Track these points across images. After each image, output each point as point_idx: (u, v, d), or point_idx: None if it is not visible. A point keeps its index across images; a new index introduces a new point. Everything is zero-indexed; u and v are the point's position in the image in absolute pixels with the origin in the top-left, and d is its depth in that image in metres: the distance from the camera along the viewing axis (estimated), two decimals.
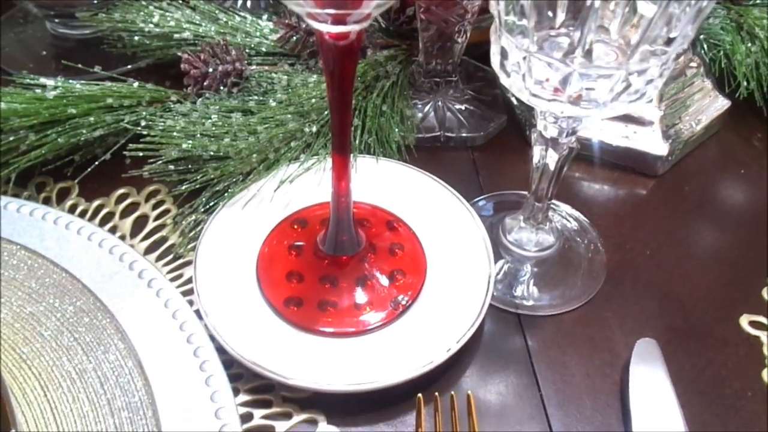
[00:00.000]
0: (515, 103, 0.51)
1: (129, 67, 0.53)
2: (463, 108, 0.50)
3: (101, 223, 0.43)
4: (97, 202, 0.44)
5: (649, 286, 0.41)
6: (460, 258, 0.39)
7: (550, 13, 0.30)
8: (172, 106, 0.46)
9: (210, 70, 0.47)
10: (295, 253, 0.40)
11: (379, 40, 0.51)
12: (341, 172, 0.35)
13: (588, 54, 0.29)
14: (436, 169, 0.44)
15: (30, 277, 0.37)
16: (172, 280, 0.39)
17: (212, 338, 0.35)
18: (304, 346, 0.35)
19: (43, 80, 0.45)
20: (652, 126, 0.47)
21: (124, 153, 0.43)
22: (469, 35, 0.47)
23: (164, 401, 0.32)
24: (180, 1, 0.52)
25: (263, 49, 0.51)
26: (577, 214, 0.45)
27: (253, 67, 0.49)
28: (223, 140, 0.43)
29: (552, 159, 0.36)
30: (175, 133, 0.43)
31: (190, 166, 0.43)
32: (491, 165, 0.48)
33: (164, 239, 0.42)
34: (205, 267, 0.38)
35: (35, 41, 0.57)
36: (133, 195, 0.45)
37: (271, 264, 0.39)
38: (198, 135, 0.43)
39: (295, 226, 0.41)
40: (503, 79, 0.33)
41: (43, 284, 0.37)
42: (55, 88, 0.45)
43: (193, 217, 0.42)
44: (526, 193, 0.40)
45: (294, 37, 0.50)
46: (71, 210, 0.43)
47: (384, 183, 0.43)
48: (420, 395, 0.34)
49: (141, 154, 0.43)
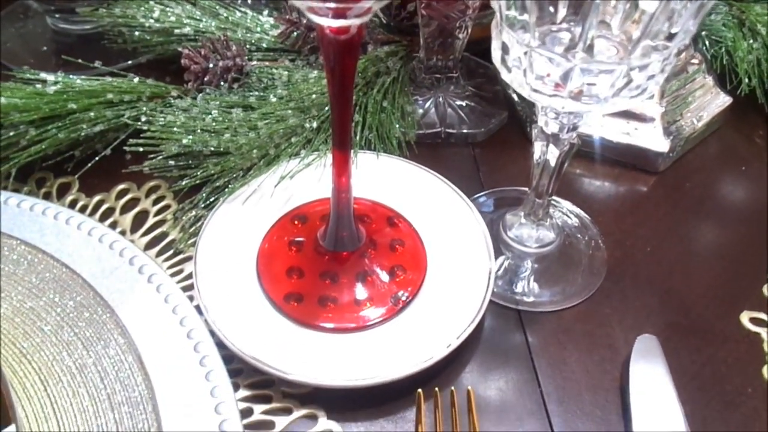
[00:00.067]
0: (516, 99, 0.51)
1: (129, 62, 0.53)
2: (464, 104, 0.50)
3: (101, 219, 0.43)
4: (97, 198, 0.44)
5: (649, 282, 0.41)
6: (460, 254, 0.39)
7: (551, 9, 0.30)
8: (172, 101, 0.46)
9: (210, 65, 0.47)
10: (295, 248, 0.40)
11: (379, 36, 0.51)
12: (342, 168, 0.35)
13: (589, 49, 0.29)
14: (436, 166, 0.44)
15: (30, 272, 0.37)
16: (173, 275, 0.39)
17: (212, 333, 0.35)
18: (304, 342, 0.35)
19: (43, 75, 0.45)
20: (653, 122, 0.47)
21: (125, 148, 0.43)
22: (470, 31, 0.47)
23: (164, 396, 0.32)
24: None
25: (264, 45, 0.51)
26: (577, 210, 0.45)
27: (254, 62, 0.49)
28: (223, 136, 0.43)
29: (553, 155, 0.36)
30: (175, 129, 0.43)
31: (190, 161, 0.43)
32: (492, 161, 0.48)
33: (164, 235, 0.42)
34: (206, 262, 0.38)
35: (36, 36, 0.57)
36: (134, 190, 0.45)
37: (271, 259, 0.39)
38: (198, 130, 0.43)
39: (296, 222, 0.41)
40: (504, 75, 0.32)
41: (44, 279, 0.37)
42: (55, 83, 0.45)
43: (194, 212, 0.42)
44: (526, 189, 0.40)
45: (295, 33, 0.50)
46: (71, 205, 0.43)
47: (384, 179, 0.43)
48: (420, 391, 0.34)
49: (141, 150, 0.43)
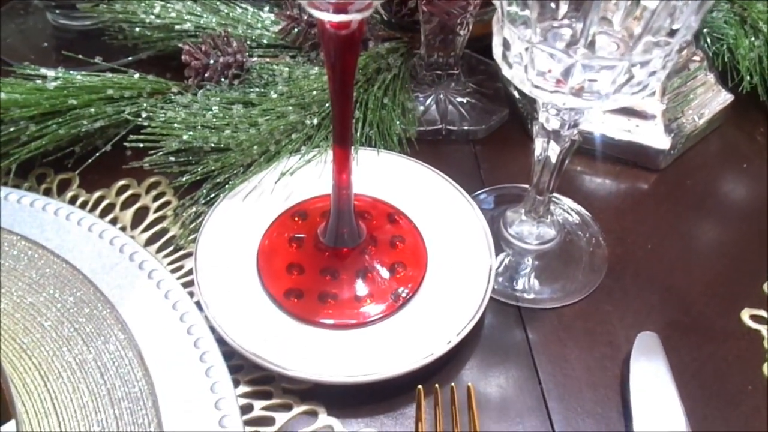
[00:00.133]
0: (517, 96, 0.51)
1: (130, 58, 0.53)
2: (465, 101, 0.50)
3: (102, 215, 0.43)
4: (97, 194, 0.44)
5: (650, 279, 0.41)
6: (460, 251, 0.39)
7: (552, 5, 0.30)
8: (173, 97, 0.46)
9: (211, 61, 0.47)
10: (295, 245, 0.39)
11: (380, 33, 0.51)
12: (342, 165, 0.35)
13: (591, 45, 0.28)
14: (437, 162, 0.44)
15: (30, 268, 0.37)
16: (173, 271, 0.39)
17: (212, 329, 0.35)
18: (304, 338, 0.35)
19: (43, 71, 0.45)
20: (655, 120, 0.47)
21: (125, 144, 0.43)
22: (471, 28, 0.47)
23: (164, 392, 0.32)
24: None
25: (264, 41, 0.51)
26: (578, 207, 0.45)
27: (255, 58, 0.49)
28: (223, 132, 0.43)
29: (554, 152, 0.36)
30: (175, 125, 0.43)
31: (190, 157, 0.43)
32: (493, 158, 0.48)
33: (165, 231, 0.42)
34: (206, 258, 0.38)
35: (36, 32, 0.57)
36: (134, 186, 0.45)
37: (271, 256, 0.39)
38: (199, 126, 0.43)
39: (296, 218, 0.41)
40: (505, 71, 0.32)
41: (44, 275, 0.37)
42: (55, 79, 0.44)
43: (194, 208, 0.42)
44: (527, 186, 0.40)
45: (295, 29, 0.50)
46: (72, 201, 0.43)
47: (385, 176, 0.43)
48: (420, 387, 0.34)
49: (142, 146, 0.42)
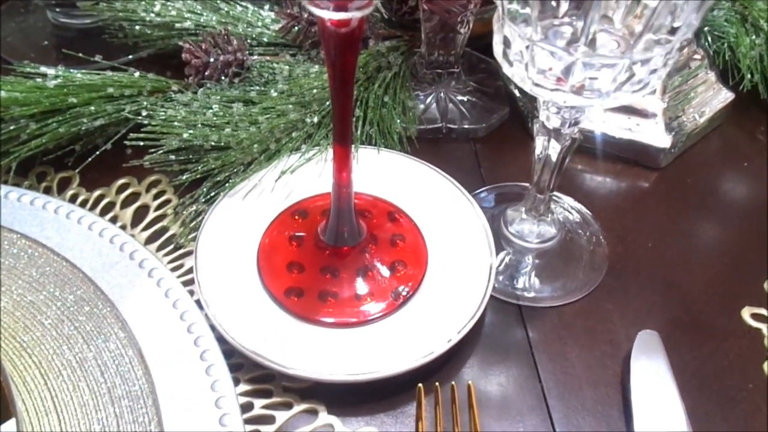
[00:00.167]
0: (518, 94, 0.51)
1: (130, 56, 0.53)
2: (465, 99, 0.50)
3: (102, 213, 0.43)
4: (97, 192, 0.44)
5: (650, 278, 0.41)
6: (461, 249, 0.39)
7: (553, 3, 0.30)
8: (173, 95, 0.46)
9: (211, 60, 0.47)
10: (295, 243, 0.39)
11: (381, 31, 0.51)
12: (342, 163, 0.35)
13: (591, 43, 0.28)
14: (437, 161, 0.44)
15: (30, 266, 0.37)
16: (173, 270, 0.39)
17: (213, 328, 0.35)
18: (304, 336, 0.35)
19: (44, 69, 0.45)
20: (655, 118, 0.47)
21: (125, 143, 0.43)
22: (471, 26, 0.47)
23: (164, 390, 0.32)
24: None
25: (265, 39, 0.51)
26: (579, 206, 0.45)
27: (255, 57, 0.49)
28: (224, 130, 0.43)
29: (554, 150, 0.36)
30: (176, 123, 0.43)
31: (191, 156, 0.43)
32: (493, 157, 0.48)
33: (165, 229, 0.42)
34: (206, 257, 0.38)
35: (36, 31, 0.57)
36: (134, 185, 0.45)
37: (271, 254, 0.39)
38: (199, 125, 0.43)
39: (296, 217, 0.41)
40: (506, 69, 0.32)
41: (44, 273, 0.37)
42: (55, 77, 0.44)
43: (194, 207, 0.42)
44: (527, 184, 0.40)
45: (296, 27, 0.50)
46: (72, 199, 0.43)
47: (385, 174, 0.43)
48: (420, 386, 0.34)
49: (142, 144, 0.42)
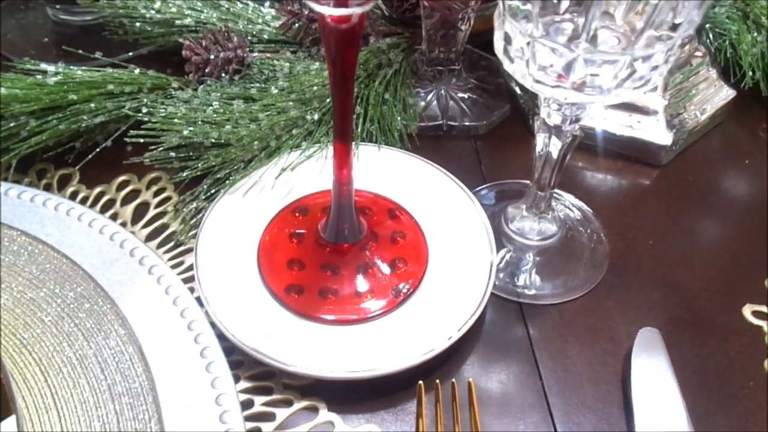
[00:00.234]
0: (518, 92, 0.51)
1: (130, 53, 0.53)
2: (466, 97, 0.50)
3: (102, 210, 0.43)
4: (98, 189, 0.44)
5: (651, 275, 0.41)
6: (461, 247, 0.39)
7: None
8: (173, 92, 0.46)
9: (212, 56, 0.47)
10: (296, 240, 0.39)
11: (381, 28, 0.51)
12: (343, 160, 0.35)
13: (593, 40, 0.28)
14: (438, 158, 0.44)
15: (31, 263, 0.37)
16: (173, 267, 0.39)
17: (213, 325, 0.34)
18: (305, 334, 0.35)
19: (44, 66, 0.45)
20: (656, 115, 0.47)
21: (125, 140, 0.43)
22: (472, 23, 0.47)
23: (165, 387, 0.32)
24: None
25: (265, 36, 0.51)
26: (580, 203, 0.44)
27: (255, 54, 0.49)
28: (224, 127, 0.42)
29: (555, 147, 0.36)
30: (176, 120, 0.43)
31: (191, 153, 0.43)
32: (494, 154, 0.48)
33: (165, 226, 0.42)
34: (206, 254, 0.38)
35: (36, 27, 0.57)
36: (134, 182, 0.44)
37: (272, 251, 0.39)
38: (199, 122, 0.43)
39: (297, 214, 0.41)
40: (506, 65, 0.32)
41: (44, 270, 0.37)
42: (56, 74, 0.44)
43: (194, 204, 0.42)
44: (528, 182, 0.40)
45: (296, 24, 0.50)
46: (72, 197, 0.43)
47: (386, 171, 0.43)
48: (421, 383, 0.34)
49: (142, 141, 0.42)
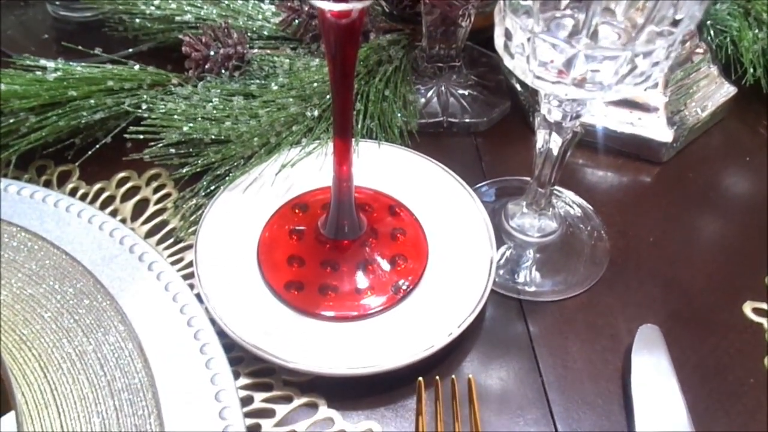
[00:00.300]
0: (519, 88, 0.51)
1: (130, 50, 0.53)
2: (467, 93, 0.50)
3: (102, 207, 0.43)
4: (97, 186, 0.44)
5: (652, 272, 0.41)
6: (462, 243, 0.39)
7: None
8: (173, 89, 0.46)
9: (211, 53, 0.47)
10: (296, 237, 0.39)
11: (382, 24, 0.51)
12: (343, 157, 0.35)
13: (593, 35, 0.28)
14: (438, 155, 0.44)
15: (30, 259, 0.37)
16: (173, 263, 0.39)
17: (213, 322, 0.34)
18: (304, 330, 0.35)
19: (43, 62, 0.45)
20: (657, 112, 0.47)
21: (125, 136, 0.43)
22: (473, 20, 0.47)
23: (164, 383, 0.32)
24: None
25: (265, 33, 0.51)
26: (580, 200, 0.44)
27: (255, 50, 0.49)
28: (224, 124, 0.42)
29: (556, 143, 0.36)
30: (176, 117, 0.43)
31: (191, 149, 0.43)
32: (494, 151, 0.48)
33: (165, 223, 0.42)
34: (206, 251, 0.38)
35: (36, 24, 0.57)
36: (134, 178, 0.44)
37: (271, 248, 0.39)
38: (199, 118, 0.43)
39: (297, 211, 0.41)
40: (507, 61, 0.32)
41: (43, 266, 0.37)
42: (55, 70, 0.44)
43: (194, 200, 0.42)
44: (529, 179, 0.40)
45: (296, 21, 0.50)
46: (72, 193, 0.43)
47: (386, 168, 0.43)
48: (421, 379, 0.34)
49: (142, 138, 0.42)
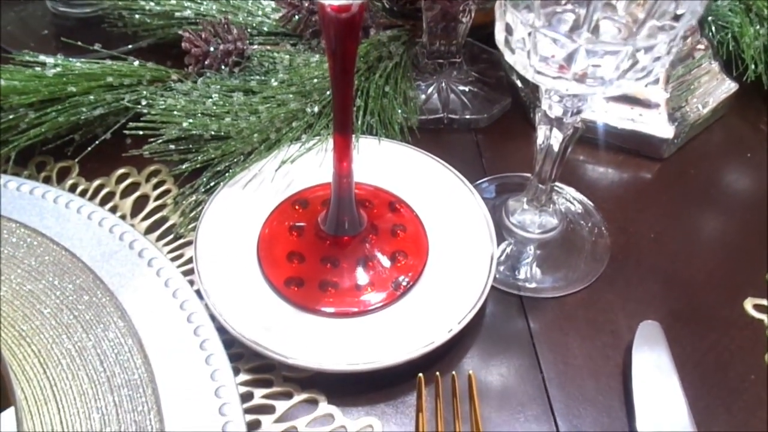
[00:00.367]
0: (520, 85, 0.50)
1: (130, 46, 0.52)
2: (467, 90, 0.50)
3: (102, 203, 0.42)
4: (97, 182, 0.44)
5: (652, 269, 0.41)
6: (462, 239, 0.39)
7: None
8: (172, 85, 0.46)
9: (211, 49, 0.47)
10: (296, 233, 0.39)
11: (382, 20, 0.51)
12: (343, 153, 0.35)
13: (594, 30, 0.28)
14: (439, 151, 0.44)
15: (29, 255, 0.37)
16: (173, 259, 0.39)
17: (213, 318, 0.34)
18: (304, 326, 0.35)
19: (42, 58, 0.45)
20: (658, 108, 0.47)
21: (125, 132, 0.43)
22: (473, 16, 0.47)
23: (164, 379, 0.32)
24: None
25: (265, 29, 0.51)
26: (581, 196, 0.44)
27: (255, 46, 0.49)
28: (224, 120, 0.42)
29: (556, 139, 0.36)
30: (175, 113, 0.43)
31: (190, 145, 0.43)
32: (494, 147, 0.48)
33: (165, 219, 0.42)
34: (206, 247, 0.38)
35: (36, 20, 0.57)
36: (134, 175, 0.44)
37: (272, 244, 0.39)
38: (199, 114, 0.43)
39: (297, 207, 0.41)
40: (508, 56, 0.32)
41: (43, 262, 0.36)
42: (55, 66, 0.44)
43: (194, 197, 0.42)
44: (529, 175, 0.40)
45: (296, 17, 0.50)
46: (71, 189, 0.43)
47: (386, 164, 0.43)
48: (421, 375, 0.34)
49: (141, 134, 0.42)
